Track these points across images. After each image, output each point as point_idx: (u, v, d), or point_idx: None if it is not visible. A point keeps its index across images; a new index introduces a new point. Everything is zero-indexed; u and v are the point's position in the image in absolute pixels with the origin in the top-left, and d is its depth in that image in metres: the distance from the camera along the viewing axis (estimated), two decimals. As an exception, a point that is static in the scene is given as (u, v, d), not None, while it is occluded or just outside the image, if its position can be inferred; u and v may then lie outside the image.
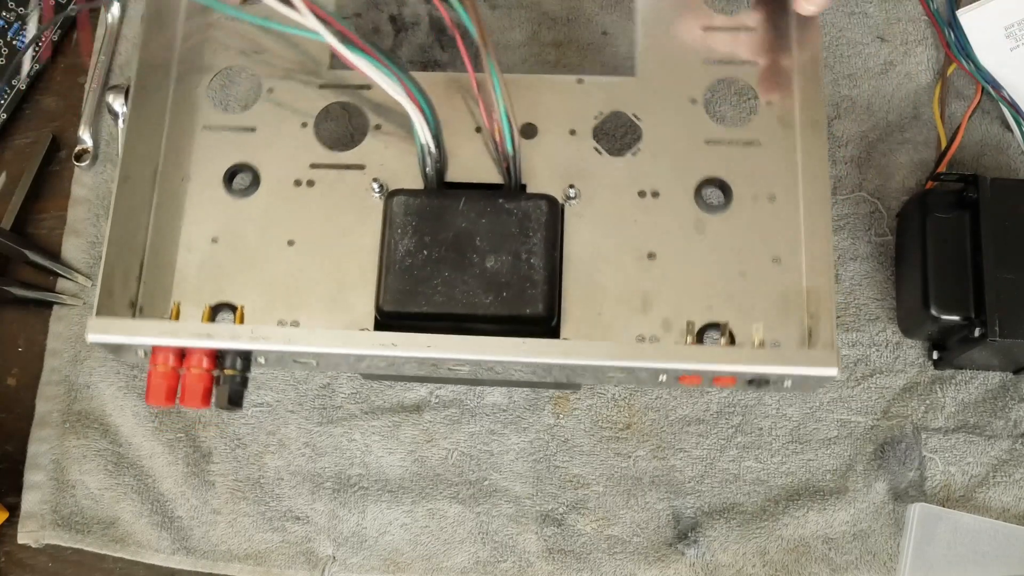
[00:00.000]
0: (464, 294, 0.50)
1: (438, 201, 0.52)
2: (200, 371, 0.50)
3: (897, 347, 0.60)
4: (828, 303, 0.50)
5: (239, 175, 0.56)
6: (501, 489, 0.59)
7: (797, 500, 0.59)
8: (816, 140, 0.53)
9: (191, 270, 0.54)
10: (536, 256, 0.51)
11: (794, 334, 0.52)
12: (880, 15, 0.64)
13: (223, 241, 0.54)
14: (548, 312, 0.50)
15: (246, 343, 0.49)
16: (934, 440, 0.59)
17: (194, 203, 0.55)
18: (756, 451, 0.59)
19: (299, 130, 0.56)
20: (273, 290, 0.53)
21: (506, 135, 0.51)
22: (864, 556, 0.58)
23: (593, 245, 0.53)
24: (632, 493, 0.59)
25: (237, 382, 0.51)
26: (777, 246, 0.53)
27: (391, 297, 0.50)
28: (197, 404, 0.50)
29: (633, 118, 0.55)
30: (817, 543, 0.58)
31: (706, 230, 0.54)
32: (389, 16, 0.66)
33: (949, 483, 0.59)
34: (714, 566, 0.58)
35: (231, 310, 0.53)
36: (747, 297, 0.52)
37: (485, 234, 0.51)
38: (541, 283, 0.50)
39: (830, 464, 0.59)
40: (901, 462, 0.59)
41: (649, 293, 0.53)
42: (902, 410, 0.60)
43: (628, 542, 0.59)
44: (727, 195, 0.54)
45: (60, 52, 0.68)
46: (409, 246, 0.51)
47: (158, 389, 0.50)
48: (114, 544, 0.59)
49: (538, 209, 0.51)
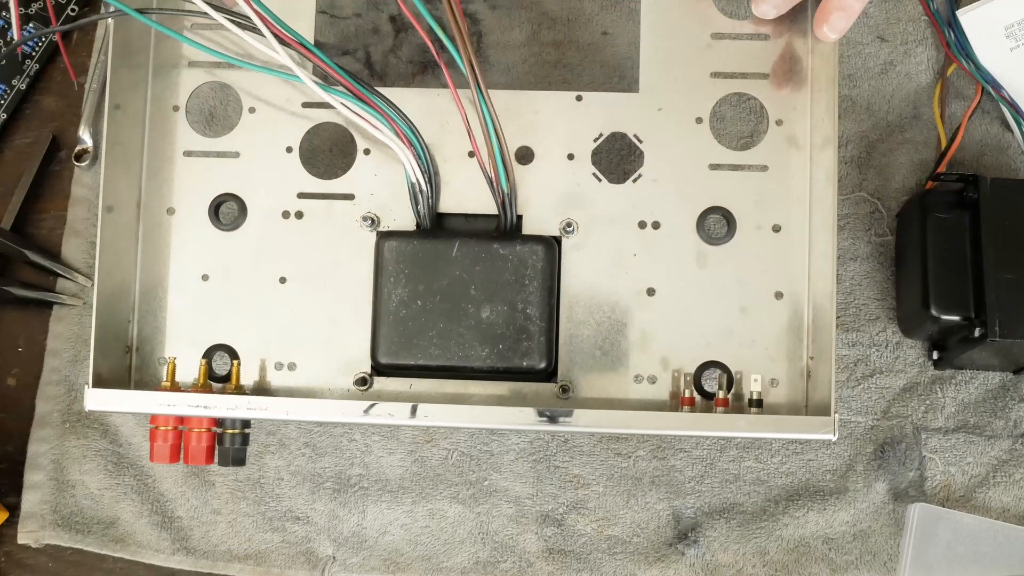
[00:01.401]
0: (459, 346, 0.51)
1: (431, 246, 0.51)
2: (202, 431, 0.52)
3: (897, 347, 0.60)
4: (828, 342, 0.50)
5: (225, 205, 0.55)
6: (501, 489, 0.59)
7: (797, 500, 0.59)
8: (826, 163, 0.52)
9: (184, 310, 0.54)
10: (532, 306, 0.50)
11: (793, 372, 0.51)
12: (880, 15, 0.64)
13: (214, 279, 0.54)
14: (545, 364, 0.50)
15: (244, 413, 0.50)
16: (934, 440, 0.59)
17: (182, 238, 0.55)
18: (756, 451, 0.59)
19: (284, 156, 0.55)
20: (268, 331, 0.54)
21: (501, 174, 0.50)
22: (864, 556, 0.58)
23: (591, 280, 0.53)
24: (632, 493, 0.59)
25: (238, 443, 0.53)
26: (780, 280, 0.52)
27: (386, 349, 0.51)
28: (201, 462, 0.52)
29: (634, 140, 0.54)
30: (817, 543, 0.58)
31: (707, 263, 0.53)
32: (389, 16, 0.66)
33: (949, 483, 0.59)
34: (714, 566, 0.58)
35: (228, 352, 0.54)
36: (747, 334, 0.52)
37: (480, 282, 0.51)
38: (537, 335, 0.50)
39: (830, 464, 0.59)
40: (901, 462, 0.59)
41: (648, 331, 0.52)
42: (902, 410, 0.59)
43: (628, 542, 0.59)
44: (731, 225, 0.53)
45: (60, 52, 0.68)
46: (403, 295, 0.51)
47: (161, 450, 0.52)
48: (114, 544, 0.59)
49: (534, 255, 0.51)
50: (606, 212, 0.54)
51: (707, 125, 0.55)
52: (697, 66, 0.55)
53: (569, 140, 0.54)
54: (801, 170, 0.54)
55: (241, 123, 0.56)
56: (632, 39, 0.57)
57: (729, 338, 0.52)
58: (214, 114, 0.58)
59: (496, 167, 0.50)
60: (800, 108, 0.54)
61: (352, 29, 0.65)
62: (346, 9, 0.66)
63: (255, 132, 0.56)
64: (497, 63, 0.64)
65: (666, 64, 0.55)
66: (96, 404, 0.51)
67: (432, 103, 0.55)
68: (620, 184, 0.54)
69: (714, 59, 0.55)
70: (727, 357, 0.52)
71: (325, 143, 0.57)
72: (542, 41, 0.64)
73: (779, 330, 0.52)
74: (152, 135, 0.56)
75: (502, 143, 0.50)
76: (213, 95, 0.58)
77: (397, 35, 0.66)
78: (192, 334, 0.54)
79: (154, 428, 0.52)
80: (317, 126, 0.56)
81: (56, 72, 0.67)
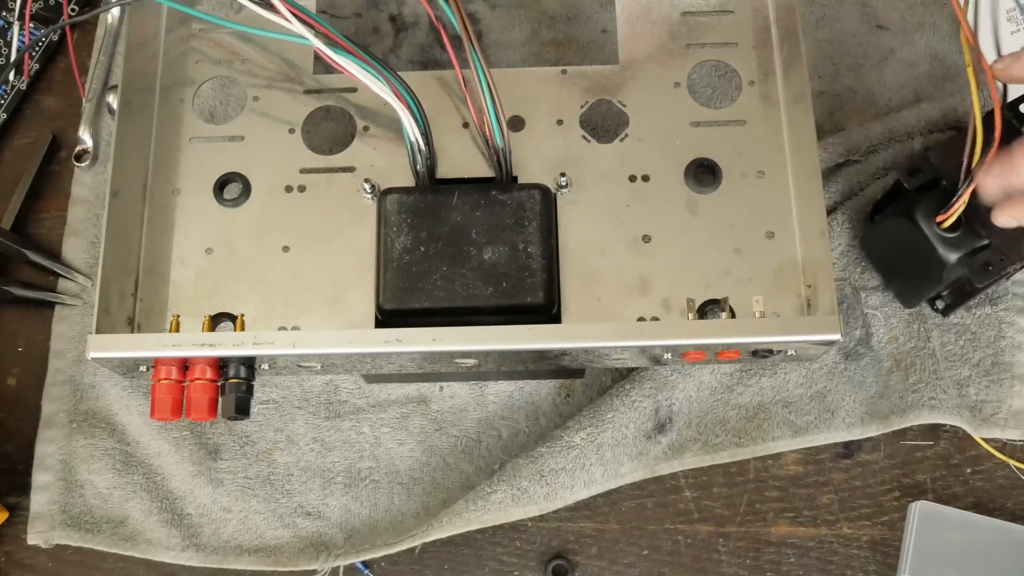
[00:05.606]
0: (463, 287, 0.50)
1: (431, 197, 0.52)
2: (204, 382, 0.50)
3: (830, 218, 0.61)
4: (825, 271, 0.51)
5: (230, 185, 0.56)
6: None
7: (749, 370, 0.60)
8: (801, 115, 0.54)
9: (187, 283, 0.54)
10: (533, 245, 0.51)
11: (793, 305, 0.52)
12: (879, 3, 0.65)
13: (217, 252, 0.54)
14: (548, 300, 0.50)
15: (250, 349, 0.49)
16: (874, 298, 0.60)
17: (186, 216, 0.55)
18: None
19: (287, 136, 0.56)
20: (271, 297, 0.53)
21: (495, 128, 0.52)
22: (823, 415, 0.59)
23: (588, 232, 0.53)
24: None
25: (243, 390, 0.51)
26: (769, 221, 0.54)
27: (391, 294, 0.51)
28: (204, 415, 0.50)
29: (619, 105, 0.56)
30: (776, 407, 0.59)
31: (698, 210, 0.54)
32: (389, 16, 0.67)
33: (896, 335, 0.60)
34: (680, 443, 0.59)
35: (231, 320, 0.53)
36: (744, 273, 0.53)
37: (480, 227, 0.51)
38: (539, 272, 0.50)
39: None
40: (845, 322, 0.60)
41: (647, 275, 0.53)
42: (840, 273, 0.60)
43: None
44: (716, 174, 0.54)
45: (60, 52, 0.68)
46: (405, 243, 0.51)
47: (163, 403, 0.50)
48: (124, 543, 0.59)
49: (532, 198, 0.52)
50: (597, 169, 0.55)
51: (684, 89, 0.57)
52: (670, 39, 0.58)
53: (557, 108, 0.56)
54: (777, 123, 0.56)
55: (246, 110, 0.57)
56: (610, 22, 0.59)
57: (726, 277, 0.53)
58: (219, 105, 0.58)
59: (490, 122, 0.51)
60: (769, 69, 0.57)
61: (352, 29, 0.66)
62: (346, 9, 0.67)
63: (259, 117, 0.57)
64: (497, 63, 0.65)
65: (642, 38, 0.58)
66: (99, 350, 0.49)
67: (428, 83, 0.56)
68: (608, 144, 0.55)
69: (685, 32, 0.58)
70: (727, 294, 0.53)
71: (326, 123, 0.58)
72: (542, 40, 0.65)
73: (773, 266, 0.53)
74: (160, 125, 0.57)
75: (495, 98, 0.51)
76: (220, 87, 0.58)
77: (397, 35, 0.66)
78: (196, 305, 0.54)
79: (156, 382, 0.50)
80: (318, 108, 0.57)
81: (56, 72, 0.67)
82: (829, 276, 0.50)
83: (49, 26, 0.66)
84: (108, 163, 0.54)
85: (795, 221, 0.54)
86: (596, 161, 0.55)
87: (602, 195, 0.54)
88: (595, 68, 0.57)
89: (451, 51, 0.51)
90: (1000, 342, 0.60)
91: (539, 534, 0.59)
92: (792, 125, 0.55)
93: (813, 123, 0.53)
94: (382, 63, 0.50)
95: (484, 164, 0.55)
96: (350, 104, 0.57)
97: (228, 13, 0.59)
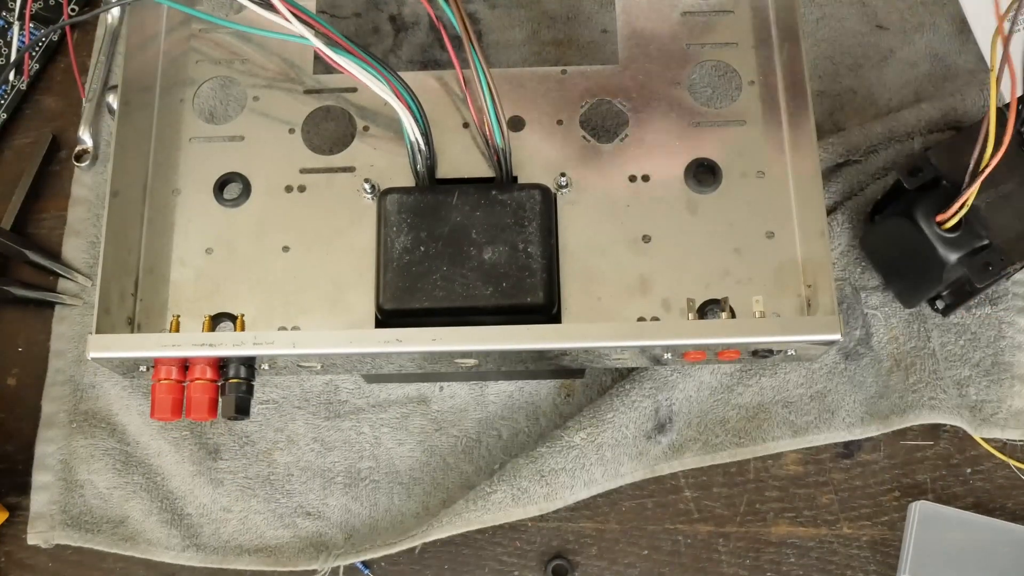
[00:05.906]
0: (463, 287, 0.50)
1: (431, 197, 0.52)
2: (204, 382, 0.50)
3: (830, 218, 0.61)
4: (825, 271, 0.51)
5: (230, 185, 0.56)
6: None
7: (749, 370, 0.60)
8: (801, 115, 0.54)
9: (187, 283, 0.54)
10: (533, 245, 0.51)
11: (793, 305, 0.52)
12: (879, 3, 0.65)
13: (218, 252, 0.54)
14: (548, 300, 0.50)
15: (250, 349, 0.49)
16: (874, 298, 0.60)
17: (186, 216, 0.55)
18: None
19: (287, 136, 0.56)
20: (271, 297, 0.53)
21: (495, 128, 0.52)
22: (823, 415, 0.59)
23: (588, 232, 0.53)
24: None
25: (243, 390, 0.51)
26: (769, 221, 0.54)
27: (391, 294, 0.50)
28: (204, 416, 0.50)
29: (619, 105, 0.56)
30: (776, 408, 0.59)
31: (698, 210, 0.54)
32: (389, 16, 0.67)
33: (896, 335, 0.60)
34: (680, 442, 0.59)
35: (231, 320, 0.53)
36: (744, 273, 0.53)
37: (480, 227, 0.51)
38: (539, 272, 0.50)
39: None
40: (845, 322, 0.60)
41: (647, 275, 0.53)
42: (840, 273, 0.60)
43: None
44: (716, 174, 0.54)
45: (60, 52, 0.68)
46: (405, 243, 0.51)
47: (163, 403, 0.50)
48: (124, 543, 0.59)
49: (531, 198, 0.52)
50: (597, 169, 0.55)
51: (684, 89, 0.57)
52: (670, 39, 0.58)
53: (557, 108, 0.56)
54: (777, 123, 0.56)
55: (246, 110, 0.57)
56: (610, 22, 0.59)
57: (726, 277, 0.53)
58: (219, 105, 0.58)
59: (490, 122, 0.52)
60: (769, 69, 0.57)
61: (352, 29, 0.66)
62: (346, 9, 0.67)
63: (259, 117, 0.57)
64: (497, 63, 0.65)
65: (642, 38, 0.58)
66: (99, 350, 0.49)
67: (428, 83, 0.56)
68: (608, 144, 0.56)
69: (685, 32, 0.58)
70: (727, 294, 0.53)
71: (326, 123, 0.58)
72: (542, 40, 0.65)
73: (773, 266, 0.53)
74: (160, 125, 0.57)
75: (495, 98, 0.51)
76: (220, 87, 0.58)
77: (397, 35, 0.66)
78: (196, 305, 0.54)
79: (156, 382, 0.50)
80: (318, 108, 0.57)
81: (56, 72, 0.67)
82: (829, 276, 0.50)
83: (49, 26, 0.66)
84: (108, 163, 0.54)
85: (795, 221, 0.54)
86: (596, 161, 0.55)
87: (602, 195, 0.55)
88: (595, 68, 0.57)
89: (451, 51, 0.52)
90: (1000, 342, 0.60)
91: (539, 534, 0.59)
92: (792, 125, 0.55)
93: (813, 123, 0.53)
94: (382, 63, 0.50)
95: (484, 164, 0.55)
96: (350, 104, 0.57)
97: (228, 13, 0.59)
